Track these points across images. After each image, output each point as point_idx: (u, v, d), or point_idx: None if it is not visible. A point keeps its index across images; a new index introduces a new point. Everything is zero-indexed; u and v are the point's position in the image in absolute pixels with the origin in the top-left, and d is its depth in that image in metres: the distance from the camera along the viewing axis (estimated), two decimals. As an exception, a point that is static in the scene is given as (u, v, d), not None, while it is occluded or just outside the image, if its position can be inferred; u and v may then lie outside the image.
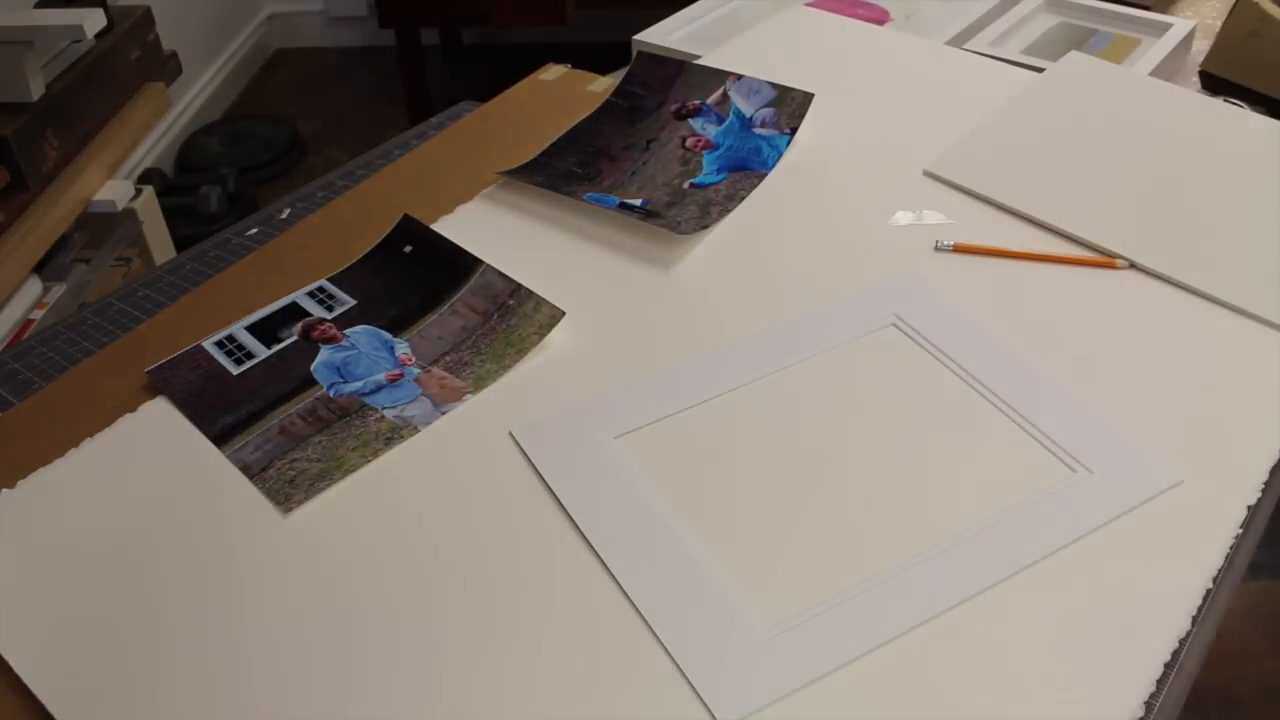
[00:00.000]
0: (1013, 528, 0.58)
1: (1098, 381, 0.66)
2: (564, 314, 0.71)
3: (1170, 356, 0.68)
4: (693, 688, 0.51)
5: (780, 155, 0.88)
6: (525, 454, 0.63)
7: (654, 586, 0.55)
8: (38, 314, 1.34)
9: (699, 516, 0.59)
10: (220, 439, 0.65)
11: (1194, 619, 0.53)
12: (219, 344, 0.72)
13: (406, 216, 0.82)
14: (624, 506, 0.59)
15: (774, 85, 0.92)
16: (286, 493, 0.61)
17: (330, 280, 0.77)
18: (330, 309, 0.74)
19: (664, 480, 0.61)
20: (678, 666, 0.52)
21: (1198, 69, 1.09)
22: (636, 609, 0.54)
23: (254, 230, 0.86)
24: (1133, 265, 0.76)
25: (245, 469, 0.63)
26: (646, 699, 0.50)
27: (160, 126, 2.24)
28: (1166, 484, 0.60)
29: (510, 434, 0.64)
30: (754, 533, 0.58)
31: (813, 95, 0.91)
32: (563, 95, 0.99)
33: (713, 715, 0.49)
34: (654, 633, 0.53)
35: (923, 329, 0.70)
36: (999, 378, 0.67)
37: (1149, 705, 0.50)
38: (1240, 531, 0.58)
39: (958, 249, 0.77)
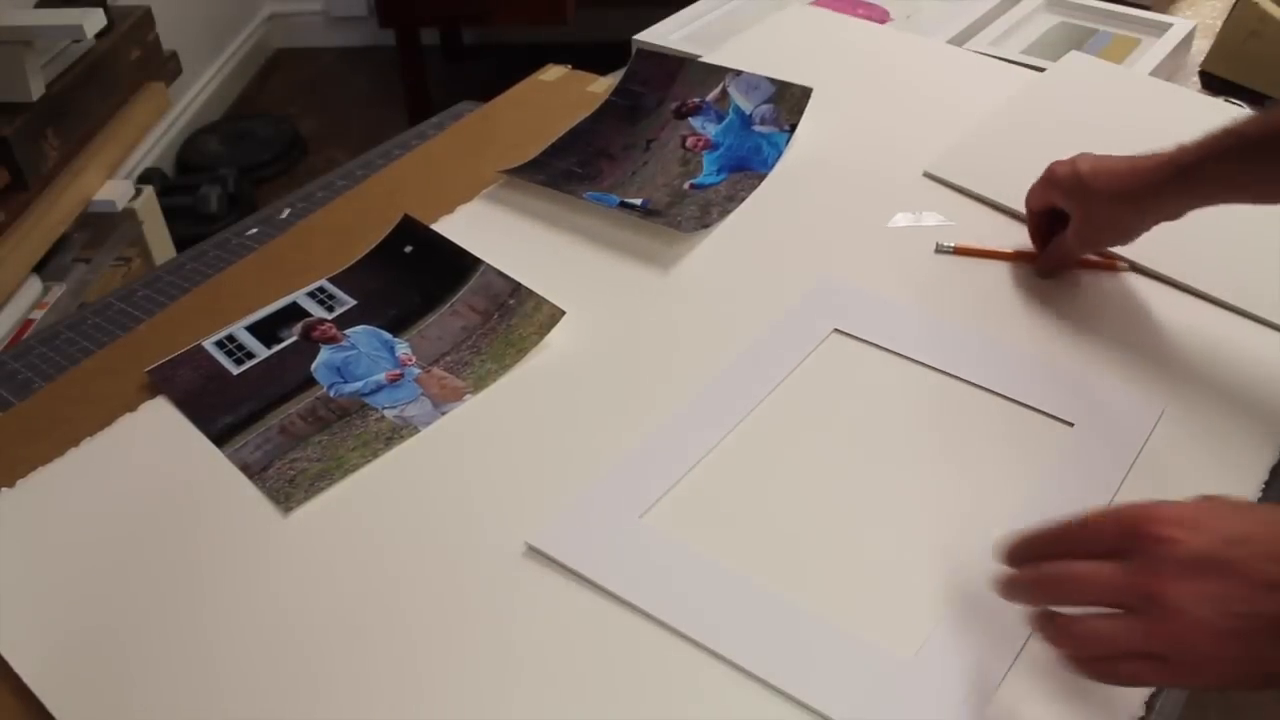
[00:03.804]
0: (1048, 498, 0.58)
1: (1098, 381, 0.66)
2: (564, 314, 0.71)
3: (1170, 356, 0.68)
4: None
5: (780, 154, 0.87)
6: (558, 561, 0.56)
7: (767, 647, 0.52)
8: (38, 314, 1.34)
9: (766, 566, 0.56)
10: (220, 439, 0.65)
11: (1194, 619, 0.53)
12: (219, 344, 0.71)
13: (407, 217, 0.82)
14: (696, 582, 0.55)
15: (773, 81, 0.92)
16: (286, 493, 0.61)
17: (330, 280, 0.77)
18: (330, 309, 0.74)
19: (711, 544, 0.57)
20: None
21: (1198, 69, 1.09)
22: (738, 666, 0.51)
23: (254, 230, 0.86)
24: (1133, 266, 0.75)
25: (245, 469, 0.63)
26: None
27: (160, 126, 2.24)
28: (1154, 417, 0.62)
29: (528, 544, 0.57)
30: (825, 564, 0.56)
31: (811, 90, 0.90)
32: (563, 95, 0.99)
33: None
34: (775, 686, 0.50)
35: (864, 332, 0.70)
36: (955, 359, 0.67)
37: (1149, 705, 0.50)
38: (1240, 531, 0.57)
39: (959, 251, 0.77)
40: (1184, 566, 0.43)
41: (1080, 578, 0.46)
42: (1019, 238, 0.78)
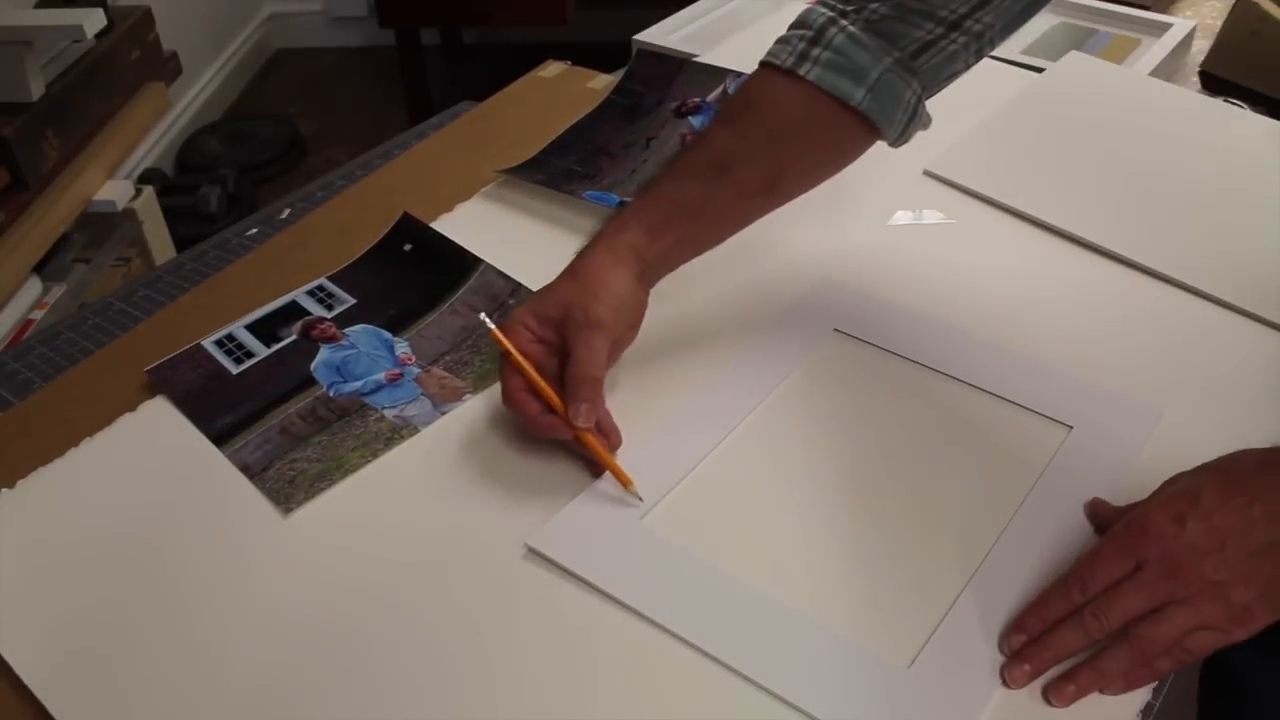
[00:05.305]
0: (1048, 503, 0.58)
1: (1098, 383, 0.66)
2: (564, 314, 0.71)
3: (1170, 356, 0.68)
4: None
5: (780, 155, 0.87)
6: (557, 564, 0.56)
7: (764, 652, 0.52)
8: (38, 314, 1.34)
9: (766, 570, 0.56)
10: (220, 439, 0.65)
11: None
12: (219, 343, 0.71)
13: (406, 215, 0.82)
14: (695, 585, 0.55)
15: (774, 85, 0.92)
16: (286, 493, 0.61)
17: (330, 279, 0.77)
18: (330, 308, 0.74)
19: (710, 546, 0.57)
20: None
21: (1198, 69, 1.09)
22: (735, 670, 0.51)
23: (254, 230, 0.86)
24: (1134, 265, 0.75)
25: (245, 469, 0.63)
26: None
27: (160, 126, 2.24)
28: (1154, 419, 0.63)
29: (528, 545, 0.57)
30: (824, 567, 0.56)
31: (813, 95, 0.90)
32: (562, 92, 0.99)
33: None
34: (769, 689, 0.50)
35: (864, 333, 0.70)
36: (955, 360, 0.67)
37: (1145, 711, 0.50)
38: (1240, 531, 0.57)
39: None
40: (1191, 549, 0.49)
41: (1119, 594, 0.50)
42: (1017, 237, 0.78)
